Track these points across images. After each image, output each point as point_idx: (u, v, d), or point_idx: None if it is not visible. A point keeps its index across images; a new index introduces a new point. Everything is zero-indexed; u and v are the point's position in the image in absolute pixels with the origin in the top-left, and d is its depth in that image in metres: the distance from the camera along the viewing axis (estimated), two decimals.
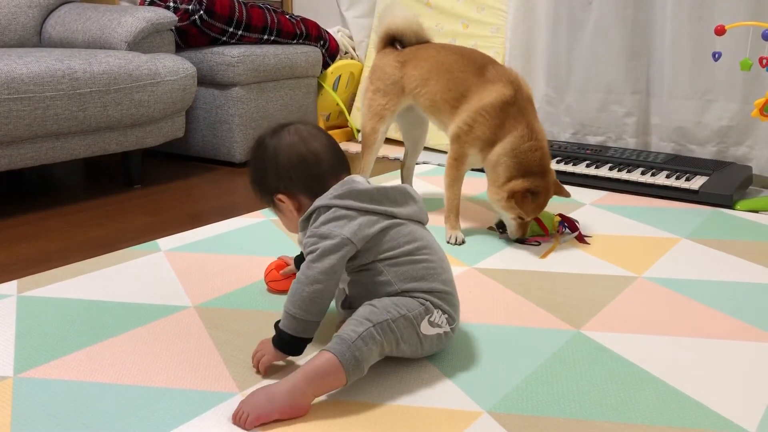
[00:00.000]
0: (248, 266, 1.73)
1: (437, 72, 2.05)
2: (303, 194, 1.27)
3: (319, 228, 1.19)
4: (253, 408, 1.06)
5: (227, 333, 1.37)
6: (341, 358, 1.09)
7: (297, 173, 1.26)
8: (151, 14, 2.58)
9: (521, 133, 1.86)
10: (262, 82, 2.93)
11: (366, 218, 1.20)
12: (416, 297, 1.20)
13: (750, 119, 2.57)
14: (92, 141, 2.34)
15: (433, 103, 2.06)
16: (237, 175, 2.80)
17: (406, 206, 1.27)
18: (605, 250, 1.90)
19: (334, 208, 1.20)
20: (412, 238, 1.24)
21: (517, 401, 1.14)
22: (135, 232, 2.05)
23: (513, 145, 1.86)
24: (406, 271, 1.21)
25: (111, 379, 1.19)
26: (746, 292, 1.62)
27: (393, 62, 2.17)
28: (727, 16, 2.48)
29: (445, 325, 1.23)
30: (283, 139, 1.27)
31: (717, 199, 2.35)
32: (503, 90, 1.90)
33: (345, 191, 1.21)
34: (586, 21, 2.90)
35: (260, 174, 1.30)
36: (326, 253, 1.16)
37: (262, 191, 1.32)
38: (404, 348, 1.19)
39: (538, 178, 1.86)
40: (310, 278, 1.17)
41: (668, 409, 1.13)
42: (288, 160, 1.26)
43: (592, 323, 1.44)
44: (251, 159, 1.33)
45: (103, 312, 1.46)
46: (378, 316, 1.15)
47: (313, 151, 1.27)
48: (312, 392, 1.09)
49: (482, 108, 1.90)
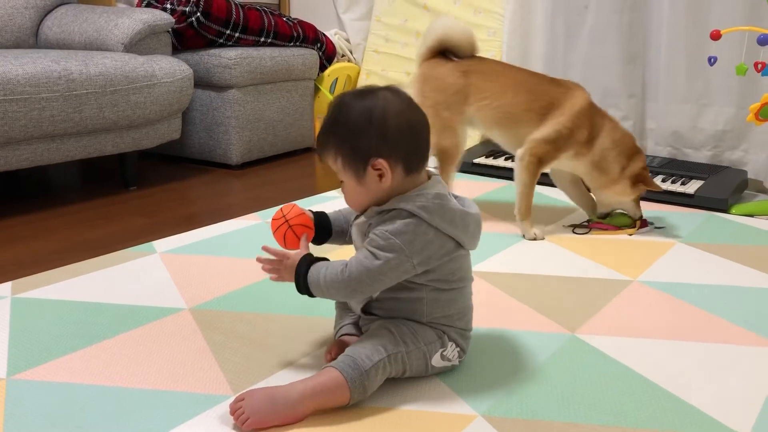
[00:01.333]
0: (243, 268, 1.73)
1: (513, 86, 2.09)
2: (400, 165, 1.14)
3: (393, 237, 1.11)
4: (255, 412, 1.05)
5: (222, 335, 1.37)
6: (351, 384, 1.08)
7: (405, 140, 1.14)
8: (147, 16, 2.58)
9: (610, 126, 2.06)
10: (258, 84, 2.93)
11: (440, 242, 1.14)
12: (436, 327, 1.19)
13: (745, 124, 2.58)
14: (88, 142, 2.34)
15: (509, 115, 2.08)
16: (233, 177, 2.80)
17: (475, 239, 1.21)
18: (601, 254, 1.91)
19: (417, 220, 1.12)
20: (464, 274, 1.21)
21: (512, 405, 1.14)
22: (130, 233, 2.04)
23: (611, 138, 2.05)
24: (445, 303, 1.19)
25: (105, 381, 1.19)
26: (741, 295, 1.63)
27: (453, 72, 2.11)
28: (723, 21, 2.49)
29: (456, 359, 1.23)
30: (388, 102, 1.14)
31: (712, 203, 2.36)
32: (585, 94, 2.08)
33: (436, 206, 1.13)
34: (583, 25, 2.90)
35: (354, 134, 1.13)
36: (386, 270, 1.11)
37: (353, 153, 1.14)
38: (408, 374, 1.18)
39: (638, 157, 2.07)
40: (359, 288, 1.12)
41: (662, 412, 1.13)
42: (398, 125, 1.13)
43: (587, 327, 1.44)
44: (338, 115, 1.15)
45: (97, 314, 1.46)
46: (395, 345, 1.14)
47: (422, 120, 1.17)
48: (314, 407, 1.09)
49: (579, 111, 2.04)
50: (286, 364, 1.26)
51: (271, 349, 1.31)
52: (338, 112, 1.16)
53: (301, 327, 1.41)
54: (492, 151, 2.92)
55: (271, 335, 1.37)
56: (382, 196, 1.16)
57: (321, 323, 1.41)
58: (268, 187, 2.65)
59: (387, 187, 1.14)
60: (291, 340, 1.34)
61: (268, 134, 3.01)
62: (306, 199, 2.40)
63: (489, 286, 1.66)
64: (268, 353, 1.30)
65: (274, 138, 3.05)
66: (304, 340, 1.35)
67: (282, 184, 2.70)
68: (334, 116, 1.16)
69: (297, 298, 1.54)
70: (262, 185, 2.69)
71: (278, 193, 2.53)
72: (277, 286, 1.61)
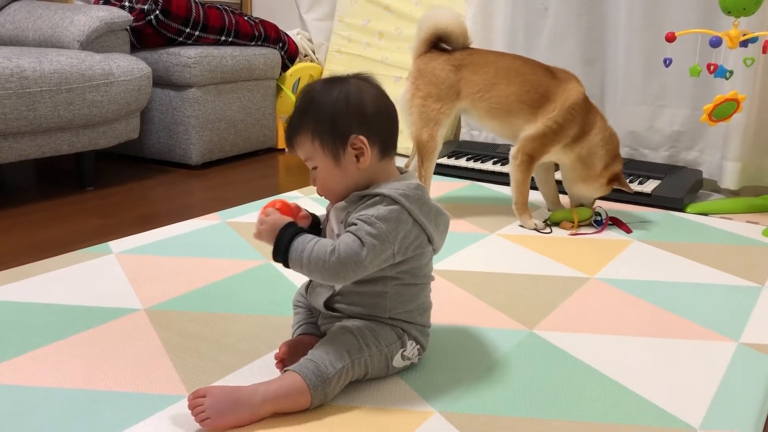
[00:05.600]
0: (201, 268, 1.71)
1: (506, 76, 2.09)
2: (377, 147, 1.14)
3: (379, 222, 1.09)
4: (216, 413, 1.03)
5: (177, 335, 1.35)
6: (313, 391, 1.07)
7: (381, 123, 1.15)
8: (105, 13, 2.53)
9: (601, 124, 2.10)
10: (219, 83, 2.89)
11: (417, 232, 1.13)
12: (396, 326, 1.19)
13: (700, 124, 2.63)
14: (43, 141, 2.29)
15: (502, 107, 2.10)
16: (193, 177, 2.77)
17: (442, 239, 1.21)
18: (559, 252, 1.93)
19: (400, 207, 1.11)
20: (429, 271, 1.22)
21: (469, 401, 1.14)
22: (86, 234, 2.00)
23: (601, 135, 2.09)
24: (407, 299, 1.19)
25: (54, 383, 1.16)
26: (694, 292, 1.66)
27: (446, 65, 2.12)
28: (678, 24, 2.54)
29: (415, 358, 1.22)
30: (363, 86, 1.15)
31: (668, 202, 2.40)
32: (580, 87, 2.09)
33: (417, 196, 1.13)
34: (543, 27, 2.94)
35: (333, 114, 1.12)
36: (369, 256, 1.08)
37: (332, 131, 1.12)
38: (369, 376, 1.18)
39: (619, 159, 2.14)
40: (341, 272, 1.08)
41: (617, 406, 1.14)
42: (375, 106, 1.14)
43: (545, 323, 1.46)
44: (313, 98, 1.15)
45: (48, 315, 1.43)
46: (357, 350, 1.13)
47: (394, 107, 1.19)
48: (274, 410, 1.07)
49: (572, 106, 2.05)
50: (242, 364, 1.24)
51: (228, 349, 1.29)
52: (312, 96, 1.15)
53: (258, 327, 1.39)
54: (454, 151, 2.93)
55: (228, 335, 1.35)
56: (359, 181, 1.15)
57: (278, 323, 1.40)
58: (229, 188, 2.62)
59: (364, 169, 1.14)
60: (248, 340, 1.33)
61: (229, 134, 2.98)
62: (268, 200, 2.38)
63: (448, 283, 1.66)
64: (225, 353, 1.28)
65: (235, 138, 3.02)
66: (262, 340, 1.33)
67: (243, 185, 2.67)
68: (308, 100, 1.15)
69: (255, 298, 1.54)
70: (222, 185, 2.66)
71: (240, 194, 2.50)
72: (236, 285, 1.60)
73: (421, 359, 1.26)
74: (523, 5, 2.96)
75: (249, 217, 2.16)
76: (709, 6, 2.52)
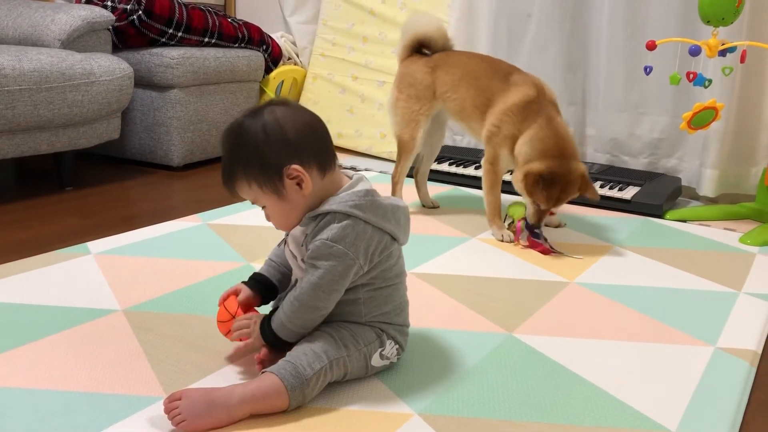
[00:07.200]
0: (181, 270, 1.70)
1: (467, 79, 2.12)
2: (315, 167, 1.13)
3: (335, 244, 1.10)
4: (192, 416, 1.02)
5: (155, 337, 1.33)
6: (291, 392, 1.07)
7: (308, 141, 1.13)
8: (87, 12, 2.51)
9: (540, 124, 1.97)
10: (201, 85, 2.88)
11: (379, 237, 1.14)
12: (374, 326, 1.19)
13: (680, 132, 2.66)
14: (21, 140, 2.26)
15: (462, 109, 2.13)
16: (174, 179, 2.75)
17: (407, 232, 1.21)
18: (539, 256, 1.94)
19: (354, 220, 1.11)
20: (400, 269, 1.22)
21: (448, 403, 1.15)
22: (64, 234, 1.98)
23: (531, 134, 1.97)
24: (382, 301, 1.19)
25: (29, 384, 1.15)
26: (673, 297, 1.67)
27: (423, 67, 2.20)
28: (658, 32, 2.57)
29: (394, 357, 1.23)
30: (277, 113, 1.13)
31: (648, 208, 2.43)
32: (526, 91, 2.02)
33: (369, 202, 1.13)
34: (526, 33, 2.95)
35: (258, 152, 1.12)
36: (336, 278, 1.11)
37: (264, 171, 1.12)
38: (348, 377, 1.18)
39: (556, 161, 1.91)
40: (317, 304, 1.13)
41: (596, 409, 1.15)
42: (296, 129, 1.12)
43: (524, 327, 1.46)
44: (235, 142, 1.14)
45: (24, 315, 1.41)
46: (336, 350, 1.13)
47: (317, 119, 1.17)
48: (251, 412, 1.07)
49: (507, 108, 2.02)
50: (219, 365, 1.23)
51: (206, 351, 1.28)
52: (233, 140, 1.15)
53: None
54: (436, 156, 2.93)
55: (206, 337, 1.34)
56: (309, 203, 1.15)
57: None
58: (211, 189, 2.60)
59: (309, 194, 1.13)
60: (226, 342, 1.31)
61: (211, 136, 2.97)
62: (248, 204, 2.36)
63: (429, 286, 1.67)
64: (202, 355, 1.27)
65: (217, 139, 3.01)
66: (240, 343, 1.32)
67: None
68: (231, 145, 1.16)
69: None
70: (204, 187, 2.64)
71: (221, 196, 2.49)
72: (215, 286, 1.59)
73: (401, 360, 1.26)
74: (506, 12, 2.97)
75: (230, 219, 2.15)
76: (689, 16, 2.55)
